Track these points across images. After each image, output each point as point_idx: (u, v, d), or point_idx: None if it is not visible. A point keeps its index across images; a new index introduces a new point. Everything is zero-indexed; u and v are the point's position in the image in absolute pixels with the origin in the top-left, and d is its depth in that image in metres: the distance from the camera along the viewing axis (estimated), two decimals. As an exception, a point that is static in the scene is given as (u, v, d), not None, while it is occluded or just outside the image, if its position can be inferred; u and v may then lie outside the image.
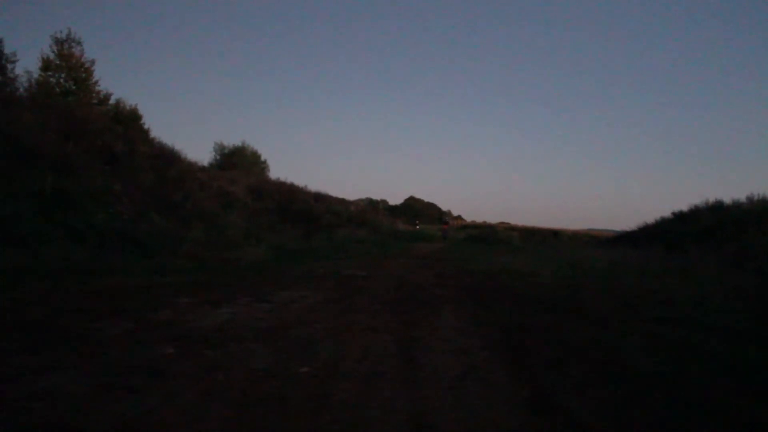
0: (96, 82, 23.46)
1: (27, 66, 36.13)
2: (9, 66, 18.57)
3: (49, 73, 22.09)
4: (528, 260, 17.57)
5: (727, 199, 19.79)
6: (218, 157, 36.95)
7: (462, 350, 4.92)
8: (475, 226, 66.56)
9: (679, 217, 21.97)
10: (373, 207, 51.45)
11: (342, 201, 37.57)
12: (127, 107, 24.51)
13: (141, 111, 25.28)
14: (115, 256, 9.25)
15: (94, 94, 23.26)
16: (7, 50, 18.55)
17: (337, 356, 4.47)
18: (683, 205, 28.14)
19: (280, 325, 5.50)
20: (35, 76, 21.22)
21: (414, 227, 49.32)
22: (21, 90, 18.19)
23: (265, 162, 40.43)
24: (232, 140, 43.20)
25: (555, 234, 55.15)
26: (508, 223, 72.65)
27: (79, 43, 22.83)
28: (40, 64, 21.92)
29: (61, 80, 22.32)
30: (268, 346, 4.61)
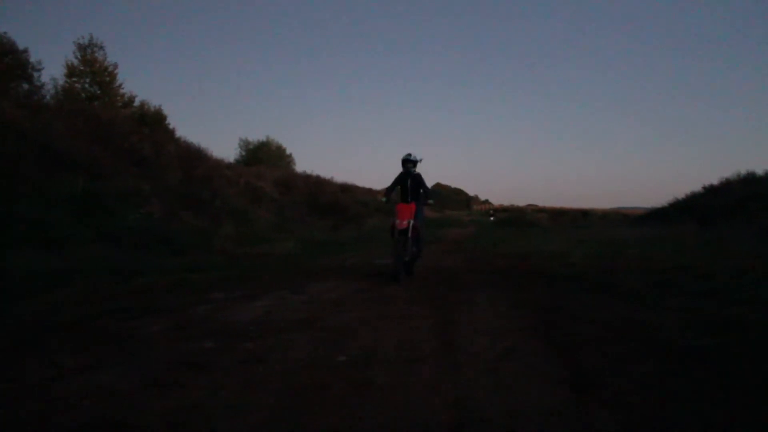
0: (120, 85, 23.72)
1: (53, 73, 36.61)
2: (35, 74, 18.84)
3: (74, 79, 22.36)
4: (559, 241, 17.43)
5: (760, 171, 19.44)
6: (244, 153, 37.06)
7: (499, 332, 4.91)
8: (503, 209, 66.14)
9: (711, 191, 21.69)
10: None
11: (369, 191, 37.54)
12: (152, 108, 24.71)
13: (165, 111, 25.46)
14: (148, 256, 9.38)
15: (118, 98, 23.50)
16: (32, 59, 18.81)
17: (374, 343, 4.49)
18: (714, 179, 27.70)
19: (315, 316, 5.54)
20: (61, 82, 21.52)
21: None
22: (48, 97, 18.45)
23: (290, 156, 40.46)
24: (256, 136, 43.36)
25: (584, 214, 54.61)
26: (536, 206, 72.14)
27: (101, 47, 23.08)
28: (65, 70, 22.21)
29: (86, 85, 22.58)
30: (305, 337, 4.64)
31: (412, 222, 8.54)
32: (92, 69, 22.65)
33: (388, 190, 9.50)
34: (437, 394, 3.27)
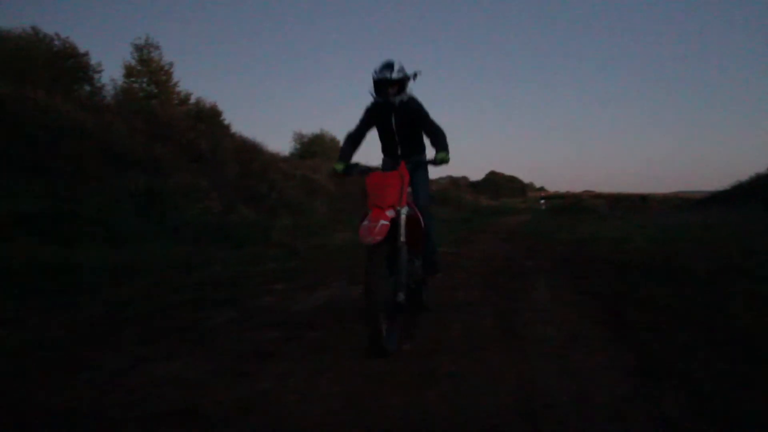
0: (176, 83, 24.23)
1: (112, 74, 37.62)
2: (96, 76, 19.37)
3: (132, 79, 22.95)
4: (618, 227, 17.10)
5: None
6: (298, 147, 37.37)
7: (562, 320, 4.85)
8: (558, 196, 65.31)
9: (776, 172, 20.90)
10: (454, 184, 51.07)
11: (423, 181, 37.50)
12: (207, 105, 25.14)
13: (220, 107, 25.86)
14: (209, 249, 9.53)
15: (174, 96, 24.00)
16: (92, 62, 19.34)
17: (437, 331, 4.48)
18: (780, 159, 26.72)
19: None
20: (120, 83, 22.08)
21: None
22: (108, 98, 18.94)
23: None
24: (310, 129, 43.69)
25: (643, 199, 53.31)
26: (592, 191, 70.98)
27: (157, 47, 23.61)
28: (123, 71, 22.80)
29: (144, 85, 23.13)
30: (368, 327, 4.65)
31: (404, 211, 4.10)
32: (149, 69, 23.21)
33: (349, 144, 4.74)
34: (503, 382, 3.25)
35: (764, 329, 4.26)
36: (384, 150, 5.00)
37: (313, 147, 36.69)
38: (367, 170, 4.36)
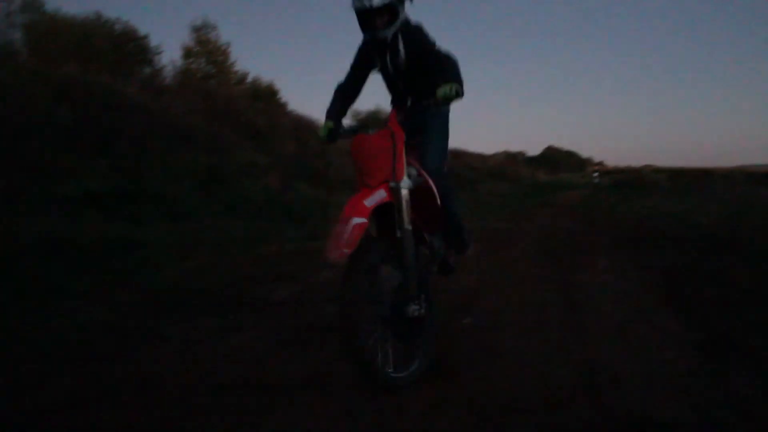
0: (233, 63, 24.48)
1: (171, 56, 38.31)
2: (155, 58, 19.74)
3: (190, 59, 23.27)
4: (680, 202, 16.66)
5: None
6: (355, 124, 37.40)
7: (624, 294, 4.80)
8: (618, 171, 63.90)
9: None
10: (511, 159, 50.46)
11: (480, 156, 37.20)
12: (264, 84, 25.35)
13: (277, 86, 26.04)
14: (269, 225, 9.68)
15: (232, 75, 24.28)
16: (152, 44, 19.71)
17: (498, 306, 4.48)
18: None
19: (439, 279, 5.56)
20: (179, 64, 22.46)
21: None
22: (168, 79, 19.29)
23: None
24: (366, 106, 43.68)
25: (706, 173, 51.70)
26: (653, 166, 69.21)
27: (214, 28, 23.86)
28: (181, 52, 23.17)
29: (202, 65, 23.46)
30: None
31: (404, 184, 2.95)
32: (207, 49, 23.50)
33: (338, 98, 3.62)
34: (566, 356, 3.24)
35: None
36: (392, 102, 3.77)
37: (368, 123, 36.72)
38: (353, 131, 3.21)
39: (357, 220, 2.62)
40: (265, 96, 23.30)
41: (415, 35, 3.33)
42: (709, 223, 10.34)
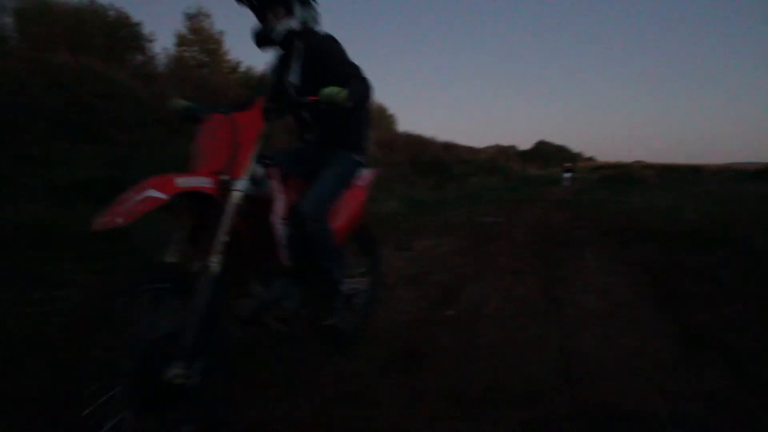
0: (226, 52, 24.41)
1: (164, 44, 38.13)
2: (148, 46, 19.66)
3: (184, 48, 23.19)
4: (669, 199, 16.77)
5: None
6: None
7: (607, 289, 4.85)
8: (608, 166, 64.17)
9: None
10: (502, 153, 50.51)
11: (471, 150, 37.25)
12: (257, 73, 25.29)
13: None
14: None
15: (225, 64, 24.20)
16: (145, 31, 19.63)
17: (481, 298, 4.53)
18: None
19: (422, 272, 5.61)
20: (172, 52, 22.38)
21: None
22: (160, 67, 19.22)
23: (392, 116, 40.51)
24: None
25: (696, 170, 52.08)
26: (643, 162, 69.58)
27: (208, 16, 23.79)
28: (175, 40, 23.10)
29: (195, 54, 23.38)
30: (413, 292, 4.73)
31: (240, 184, 2.25)
32: (200, 38, 23.43)
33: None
34: (545, 349, 3.30)
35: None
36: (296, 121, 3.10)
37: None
38: (212, 110, 2.48)
39: (153, 193, 1.97)
40: (258, 85, 23.26)
41: (321, 44, 2.81)
42: (695, 219, 10.44)
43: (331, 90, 2.43)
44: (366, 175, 3.21)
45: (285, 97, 2.85)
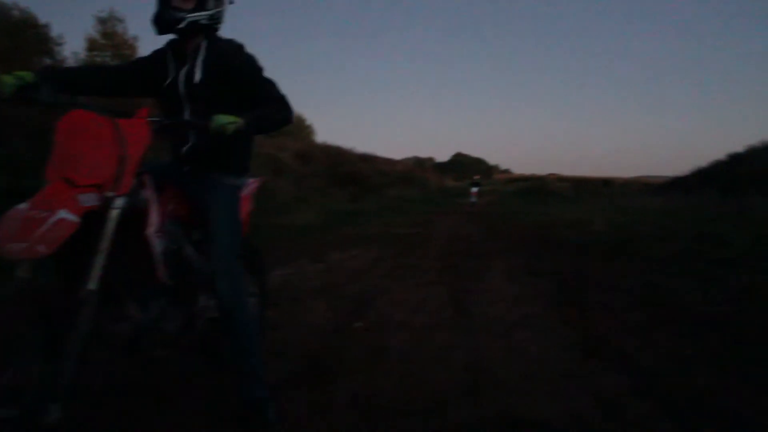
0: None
1: (74, 48, 36.81)
2: (56, 49, 18.95)
3: (95, 52, 22.47)
4: (580, 210, 17.37)
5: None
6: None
7: (515, 299, 4.97)
8: (524, 178, 65.99)
9: (735, 159, 21.40)
10: (420, 165, 51.13)
11: (389, 161, 37.50)
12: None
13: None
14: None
15: (139, 71, 23.58)
16: (53, 33, 18.91)
17: (391, 310, 4.56)
18: (739, 146, 27.34)
19: (334, 284, 5.61)
20: (82, 56, 21.64)
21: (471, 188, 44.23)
22: (70, 72, 18.55)
23: (310, 126, 40.44)
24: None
25: (606, 183, 54.10)
26: (558, 174, 71.89)
27: (121, 20, 23.13)
28: (85, 44, 22.35)
29: (107, 59, 22.69)
30: (324, 304, 4.72)
31: (119, 203, 1.96)
32: (113, 43, 22.75)
33: (87, 68, 3.77)
34: (452, 359, 3.35)
35: (713, 311, 4.44)
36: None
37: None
38: (72, 104, 2.14)
39: (67, 215, 1.75)
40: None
41: (229, 52, 2.51)
42: (605, 231, 10.85)
43: (223, 120, 2.14)
44: (249, 184, 2.99)
45: (173, 116, 2.48)
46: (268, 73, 2.52)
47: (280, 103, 2.44)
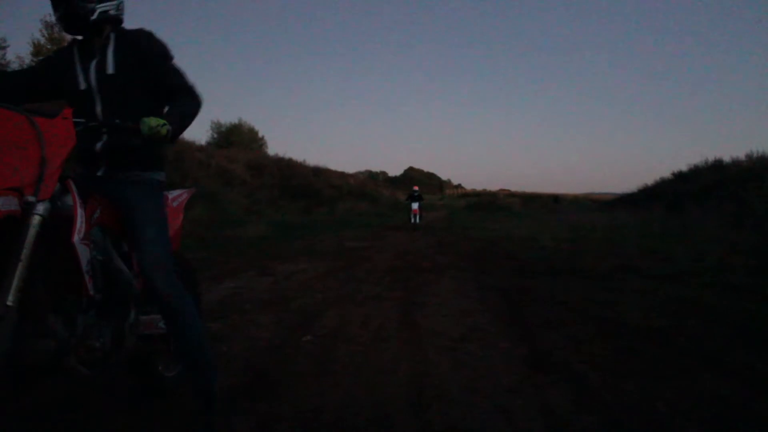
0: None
1: (18, 52, 35.88)
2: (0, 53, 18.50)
3: (41, 57, 21.98)
4: (528, 226, 17.67)
5: (727, 158, 19.86)
6: (215, 136, 36.62)
7: (463, 313, 5.01)
8: (475, 194, 66.73)
9: (679, 177, 22.05)
10: (372, 179, 51.27)
11: (342, 174, 37.49)
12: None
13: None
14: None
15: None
16: (-4, 37, 18.48)
17: (339, 324, 4.55)
18: (683, 165, 28.18)
19: (282, 297, 5.59)
20: (27, 61, 21.13)
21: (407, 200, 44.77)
22: (14, 76, 18.12)
23: (262, 138, 40.17)
24: (228, 118, 42.95)
25: (555, 199, 55.11)
26: (508, 190, 72.93)
27: (69, 25, 22.67)
28: (31, 48, 21.82)
29: (54, 64, 22.20)
30: (271, 317, 4.69)
31: (41, 208, 1.73)
32: (60, 47, 22.30)
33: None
34: (397, 373, 3.35)
35: (650, 324, 4.55)
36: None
37: (231, 136, 36.12)
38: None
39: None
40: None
41: (140, 41, 2.42)
42: (552, 246, 11.06)
43: (152, 122, 2.10)
44: (180, 196, 2.96)
45: (82, 114, 2.26)
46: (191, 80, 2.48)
47: (191, 94, 2.42)
